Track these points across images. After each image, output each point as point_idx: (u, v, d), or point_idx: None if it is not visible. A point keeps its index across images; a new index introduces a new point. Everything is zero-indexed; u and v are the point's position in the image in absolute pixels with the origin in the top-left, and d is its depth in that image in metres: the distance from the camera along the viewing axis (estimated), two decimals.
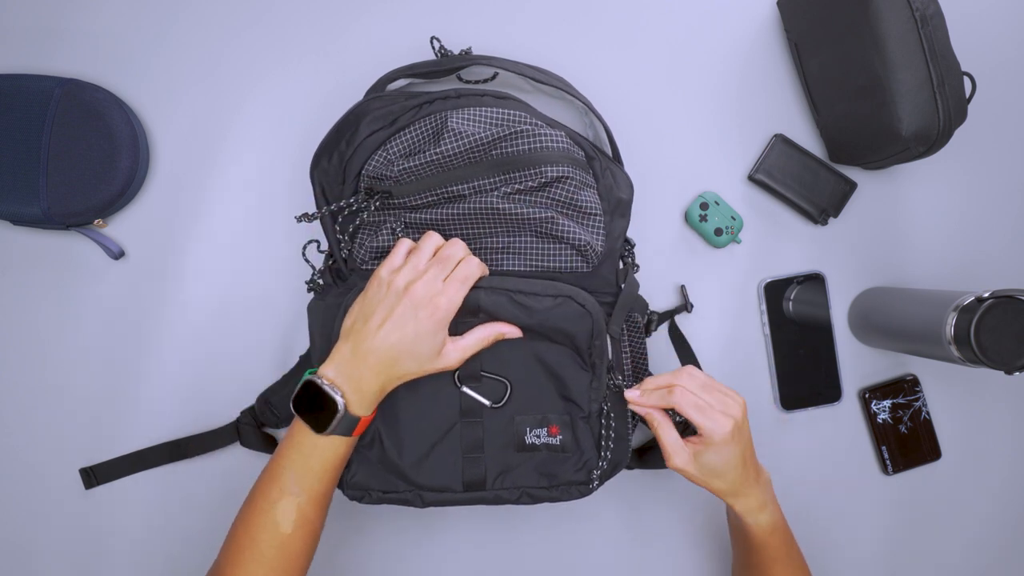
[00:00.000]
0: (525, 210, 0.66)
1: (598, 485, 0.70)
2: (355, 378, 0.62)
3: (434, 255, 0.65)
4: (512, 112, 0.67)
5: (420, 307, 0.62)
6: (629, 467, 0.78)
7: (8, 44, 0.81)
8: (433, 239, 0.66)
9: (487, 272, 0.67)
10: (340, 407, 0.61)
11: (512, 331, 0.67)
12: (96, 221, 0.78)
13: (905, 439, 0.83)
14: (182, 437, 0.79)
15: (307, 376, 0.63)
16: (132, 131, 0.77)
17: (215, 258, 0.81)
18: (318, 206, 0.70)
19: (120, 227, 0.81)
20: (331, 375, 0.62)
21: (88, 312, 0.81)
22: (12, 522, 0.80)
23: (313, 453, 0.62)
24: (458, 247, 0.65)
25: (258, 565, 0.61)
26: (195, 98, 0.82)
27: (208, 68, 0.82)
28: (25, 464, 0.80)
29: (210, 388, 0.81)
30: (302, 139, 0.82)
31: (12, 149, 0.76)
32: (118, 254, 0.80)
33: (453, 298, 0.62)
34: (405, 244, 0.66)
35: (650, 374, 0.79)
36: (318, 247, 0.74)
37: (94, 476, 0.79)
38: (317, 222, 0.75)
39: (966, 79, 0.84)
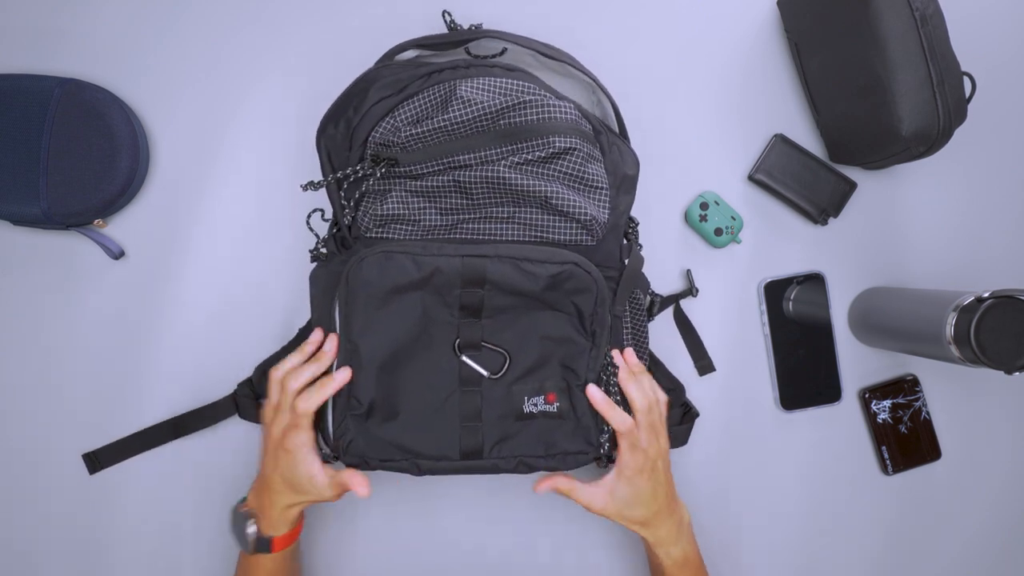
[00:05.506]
0: (531, 182, 0.66)
1: (608, 447, 0.70)
2: (262, 505, 0.69)
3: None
4: (521, 83, 0.67)
5: (279, 447, 0.67)
6: None
7: (8, 44, 0.81)
8: (283, 367, 0.69)
9: (325, 395, 0.67)
10: (250, 533, 0.69)
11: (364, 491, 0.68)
12: (96, 221, 0.78)
13: (905, 439, 0.83)
14: (181, 414, 0.80)
15: (235, 505, 0.71)
16: (132, 131, 0.77)
17: (215, 258, 0.81)
18: (324, 173, 0.70)
19: (120, 227, 0.81)
20: (250, 501, 0.70)
21: (88, 312, 0.81)
22: (20, 514, 0.80)
23: (247, 567, 0.71)
24: (300, 378, 0.67)
25: None
26: (195, 98, 0.82)
27: (208, 68, 0.82)
28: (30, 461, 0.80)
29: (210, 384, 0.81)
30: (302, 138, 0.82)
31: (12, 149, 0.76)
32: (118, 254, 0.80)
33: (295, 440, 0.66)
34: (276, 380, 0.69)
35: (651, 352, 0.78)
36: (322, 215, 0.74)
37: (98, 460, 0.80)
38: (320, 191, 0.75)
39: (966, 79, 0.84)
